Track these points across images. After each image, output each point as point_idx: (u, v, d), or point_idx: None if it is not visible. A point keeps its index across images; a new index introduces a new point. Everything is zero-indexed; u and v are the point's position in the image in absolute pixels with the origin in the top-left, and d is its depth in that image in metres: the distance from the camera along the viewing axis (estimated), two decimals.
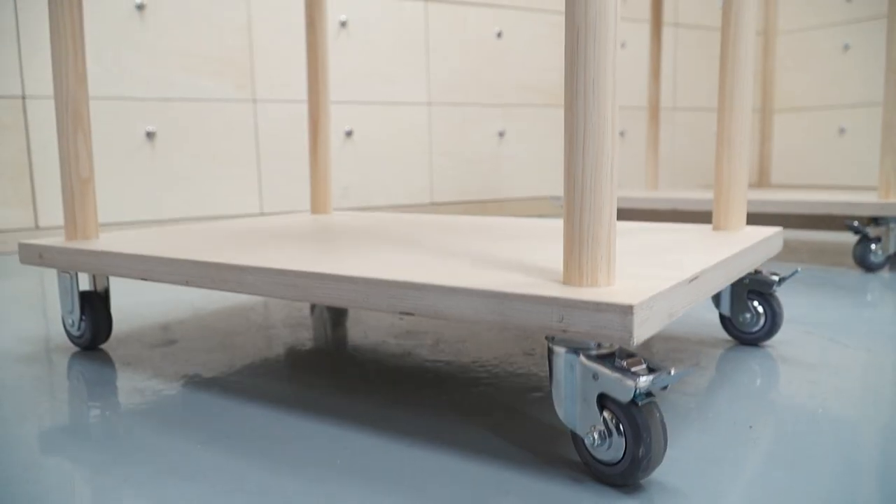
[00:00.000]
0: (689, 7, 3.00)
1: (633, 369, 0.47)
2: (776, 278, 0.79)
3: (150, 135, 1.98)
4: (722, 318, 0.84)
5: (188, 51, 2.01)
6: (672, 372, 0.45)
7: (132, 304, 1.14)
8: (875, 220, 1.30)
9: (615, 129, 0.48)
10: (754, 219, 1.52)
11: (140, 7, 1.94)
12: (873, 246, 1.30)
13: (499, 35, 2.52)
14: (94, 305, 0.83)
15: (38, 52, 1.84)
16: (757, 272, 0.80)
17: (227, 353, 0.84)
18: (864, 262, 1.31)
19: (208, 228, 0.96)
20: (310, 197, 1.24)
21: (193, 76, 2.03)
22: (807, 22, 3.04)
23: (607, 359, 0.48)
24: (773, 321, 0.80)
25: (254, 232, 0.90)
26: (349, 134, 2.27)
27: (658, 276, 0.53)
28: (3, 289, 1.30)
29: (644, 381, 0.45)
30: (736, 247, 0.68)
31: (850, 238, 1.79)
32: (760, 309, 0.81)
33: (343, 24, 2.23)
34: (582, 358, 0.48)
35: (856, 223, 1.31)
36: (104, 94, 1.92)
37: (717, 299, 0.83)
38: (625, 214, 1.68)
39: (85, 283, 1.32)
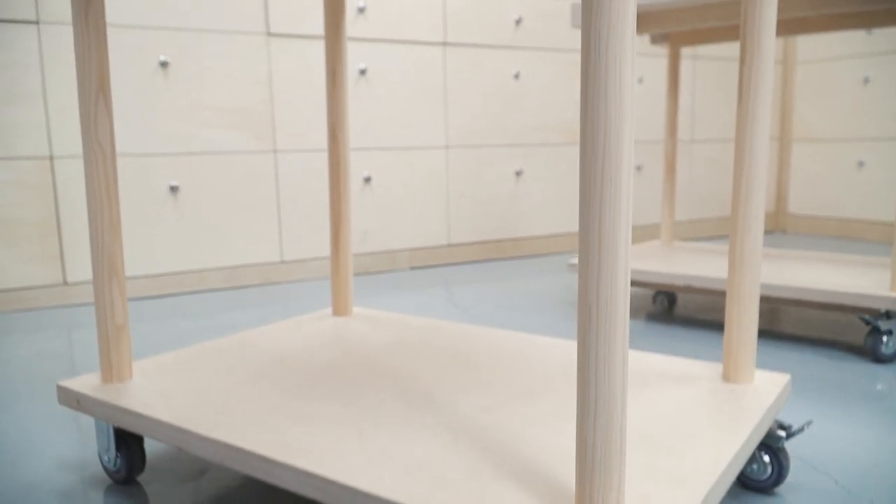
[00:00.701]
0: None
1: None
2: (784, 434, 0.82)
3: (173, 189, 2.02)
4: None
5: (210, 105, 2.05)
6: None
7: None
8: (887, 314, 1.31)
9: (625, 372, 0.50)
10: (764, 301, 1.54)
11: (164, 64, 1.97)
12: (885, 338, 1.32)
13: (516, 76, 2.54)
14: (130, 444, 0.88)
15: (65, 112, 1.89)
16: None
17: (254, 490, 0.88)
18: (875, 354, 1.32)
19: (239, 354, 1.00)
20: (331, 298, 1.29)
21: (215, 129, 2.07)
22: (827, 53, 3.02)
23: None
24: (780, 473, 0.83)
25: (279, 362, 0.94)
26: (367, 180, 2.31)
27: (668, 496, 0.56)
28: (33, 352, 1.35)
29: None
30: (747, 426, 0.71)
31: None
32: (767, 460, 0.84)
33: (363, 72, 2.25)
34: None
35: (867, 316, 1.33)
36: (129, 152, 1.96)
37: None
38: (639, 284, 1.70)
39: None
